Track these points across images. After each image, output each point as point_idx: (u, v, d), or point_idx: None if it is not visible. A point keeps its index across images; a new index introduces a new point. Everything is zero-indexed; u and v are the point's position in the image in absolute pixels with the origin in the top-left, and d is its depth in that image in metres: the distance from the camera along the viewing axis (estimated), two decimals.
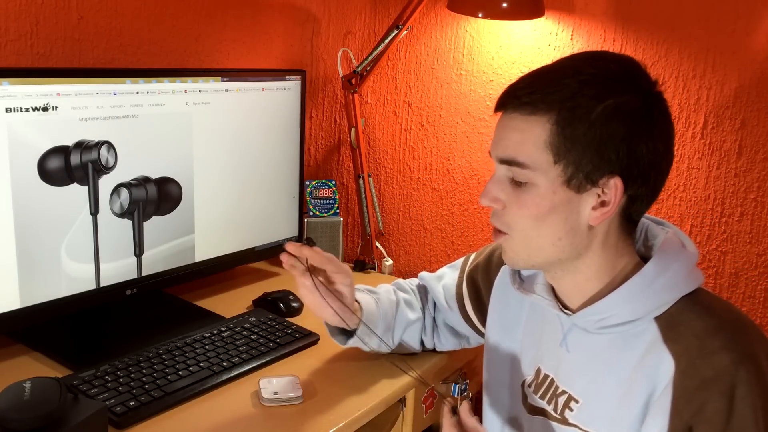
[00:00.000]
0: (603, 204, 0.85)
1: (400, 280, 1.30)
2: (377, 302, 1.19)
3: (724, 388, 0.79)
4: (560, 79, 0.84)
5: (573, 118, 0.82)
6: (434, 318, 1.26)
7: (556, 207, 0.85)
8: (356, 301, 1.16)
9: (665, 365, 0.83)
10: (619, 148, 0.82)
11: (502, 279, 1.10)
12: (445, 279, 1.24)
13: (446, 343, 1.27)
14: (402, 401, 1.26)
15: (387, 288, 1.25)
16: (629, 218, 0.89)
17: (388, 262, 1.78)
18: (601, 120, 0.82)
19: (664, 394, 0.82)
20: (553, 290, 0.97)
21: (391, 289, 1.25)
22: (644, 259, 0.92)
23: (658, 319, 0.86)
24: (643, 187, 0.86)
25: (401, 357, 1.24)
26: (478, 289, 1.17)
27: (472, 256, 1.22)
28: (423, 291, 1.28)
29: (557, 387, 0.95)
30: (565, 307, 0.95)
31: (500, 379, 1.08)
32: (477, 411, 1.32)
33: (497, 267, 1.13)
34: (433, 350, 1.29)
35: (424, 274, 1.29)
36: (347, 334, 1.17)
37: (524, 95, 0.85)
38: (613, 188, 0.84)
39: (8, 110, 1.11)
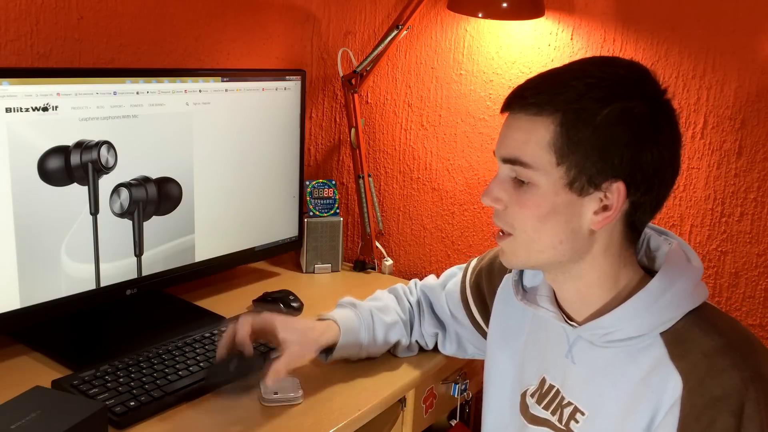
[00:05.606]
0: (605, 208, 0.85)
1: (398, 287, 1.32)
2: (358, 315, 1.22)
3: (734, 406, 0.79)
4: (567, 81, 0.84)
5: (577, 120, 0.82)
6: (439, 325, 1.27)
7: (557, 209, 0.85)
8: (334, 321, 1.19)
9: (673, 382, 0.82)
10: (623, 153, 0.82)
11: (505, 287, 1.10)
12: (449, 285, 1.25)
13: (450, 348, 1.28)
14: (402, 401, 1.26)
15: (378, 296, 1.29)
16: (632, 226, 0.88)
17: (388, 262, 1.78)
18: (605, 123, 0.82)
19: (672, 411, 0.82)
20: (556, 300, 0.96)
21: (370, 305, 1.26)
22: (646, 270, 0.92)
23: (664, 334, 0.85)
24: (647, 194, 0.85)
25: None
26: (482, 293, 1.17)
27: (474, 261, 1.22)
28: (419, 305, 1.29)
29: (563, 398, 0.95)
30: (570, 318, 0.94)
31: (501, 388, 1.07)
32: (478, 413, 1.32)
33: (500, 273, 1.12)
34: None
35: (428, 283, 1.30)
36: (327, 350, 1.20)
37: (530, 96, 0.85)
38: (616, 193, 0.83)
39: (8, 110, 1.11)
